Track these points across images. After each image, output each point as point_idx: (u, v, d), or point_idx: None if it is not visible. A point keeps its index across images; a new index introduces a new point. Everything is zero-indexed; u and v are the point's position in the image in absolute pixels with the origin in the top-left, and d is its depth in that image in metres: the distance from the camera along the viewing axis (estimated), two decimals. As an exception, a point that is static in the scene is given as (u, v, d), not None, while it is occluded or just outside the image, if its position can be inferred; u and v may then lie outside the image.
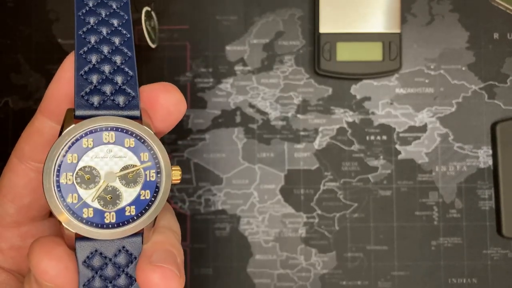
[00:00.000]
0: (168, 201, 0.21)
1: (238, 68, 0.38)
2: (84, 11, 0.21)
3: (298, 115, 0.37)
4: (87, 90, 0.20)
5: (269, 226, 0.37)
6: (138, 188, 0.19)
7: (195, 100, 0.37)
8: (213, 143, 0.37)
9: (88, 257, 0.19)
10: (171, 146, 0.37)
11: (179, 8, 0.38)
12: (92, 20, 0.21)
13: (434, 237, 0.37)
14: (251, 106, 0.37)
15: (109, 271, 0.19)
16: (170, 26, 0.38)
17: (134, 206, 0.19)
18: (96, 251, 0.19)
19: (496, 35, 0.38)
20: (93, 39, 0.21)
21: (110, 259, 0.19)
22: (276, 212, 0.37)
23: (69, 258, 0.19)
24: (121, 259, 0.19)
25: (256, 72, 0.38)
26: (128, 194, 0.19)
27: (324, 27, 0.37)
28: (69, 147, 0.19)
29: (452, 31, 0.38)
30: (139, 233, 0.20)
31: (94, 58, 0.20)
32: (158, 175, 0.20)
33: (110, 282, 0.19)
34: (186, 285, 0.36)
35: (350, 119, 0.37)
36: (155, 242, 0.20)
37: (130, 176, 0.19)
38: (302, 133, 0.37)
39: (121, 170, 0.19)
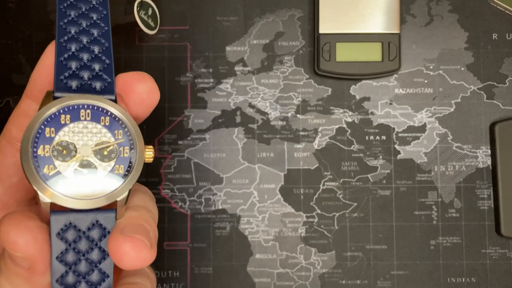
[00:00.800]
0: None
1: (238, 68, 0.38)
2: (65, 4, 0.22)
3: (298, 115, 0.37)
4: (66, 74, 0.21)
5: (269, 225, 0.37)
6: (112, 163, 0.20)
7: (195, 100, 0.38)
8: (214, 143, 0.37)
9: (62, 229, 0.20)
10: (171, 146, 0.37)
11: (179, 8, 0.38)
12: (72, 13, 0.22)
13: (433, 237, 0.37)
14: (251, 106, 0.38)
15: (83, 244, 0.20)
16: (171, 26, 0.38)
17: (108, 179, 0.20)
18: (70, 224, 0.20)
19: (495, 36, 0.38)
20: (73, 30, 0.22)
21: (84, 232, 0.20)
22: (276, 211, 0.37)
23: (38, 229, 0.19)
24: (95, 233, 0.20)
25: (256, 72, 0.38)
26: (103, 168, 0.20)
27: (324, 28, 0.37)
28: (47, 122, 0.20)
29: (451, 31, 0.38)
30: (113, 209, 0.20)
31: (73, 46, 0.22)
32: (132, 151, 0.21)
33: (83, 255, 0.20)
34: (186, 285, 0.37)
35: (349, 119, 0.37)
36: (128, 217, 0.21)
37: (105, 152, 0.20)
38: (301, 133, 0.37)
39: (96, 145, 0.20)
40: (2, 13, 0.38)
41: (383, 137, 0.37)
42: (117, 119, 0.21)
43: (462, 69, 0.38)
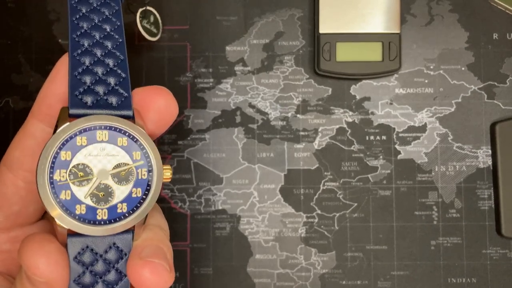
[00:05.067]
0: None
1: (238, 68, 0.38)
2: (77, 16, 0.21)
3: (298, 115, 0.37)
4: (81, 89, 0.20)
5: (269, 225, 0.37)
6: (130, 186, 0.20)
7: (195, 100, 0.38)
8: (213, 143, 0.37)
9: (79, 253, 0.19)
10: (171, 146, 0.37)
11: (179, 8, 0.38)
12: (85, 25, 0.21)
13: (434, 237, 0.37)
14: (251, 106, 0.37)
15: (100, 266, 0.20)
16: (171, 26, 0.38)
17: (126, 204, 0.20)
18: (87, 247, 0.19)
19: (495, 35, 0.38)
20: (86, 42, 0.21)
21: (101, 255, 0.20)
22: (276, 212, 0.37)
23: (59, 253, 0.19)
24: (112, 255, 0.20)
25: (256, 72, 0.38)
26: (120, 192, 0.20)
27: (324, 28, 0.37)
28: (63, 145, 0.19)
29: (451, 31, 0.38)
30: (130, 230, 0.20)
31: (87, 60, 0.21)
32: (150, 173, 0.20)
33: (100, 278, 0.20)
34: (186, 285, 0.36)
35: (349, 119, 0.37)
36: (145, 239, 0.21)
37: (123, 174, 0.20)
38: (302, 133, 0.37)
39: (113, 168, 0.20)
40: (2, 13, 0.38)
41: (384, 137, 0.37)
42: (135, 139, 0.20)
43: (463, 69, 0.38)
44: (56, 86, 0.21)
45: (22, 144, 0.22)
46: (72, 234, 0.19)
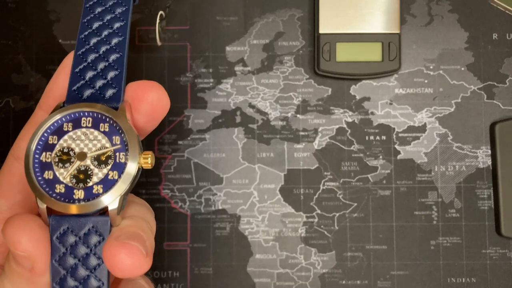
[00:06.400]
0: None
1: (238, 68, 0.38)
2: (88, 18, 0.23)
3: (298, 115, 0.37)
4: (79, 85, 0.22)
5: (269, 225, 0.37)
6: (108, 169, 0.21)
7: (195, 100, 0.38)
8: (213, 143, 0.37)
9: (60, 233, 0.20)
10: (171, 146, 0.37)
11: (179, 8, 0.38)
12: (94, 25, 0.23)
13: (433, 237, 0.37)
14: (251, 106, 0.38)
15: (80, 249, 0.20)
16: (171, 26, 0.38)
17: (101, 185, 0.21)
18: (68, 228, 0.20)
19: (495, 36, 0.38)
20: (92, 41, 0.23)
21: (80, 238, 0.20)
22: (276, 211, 0.37)
23: (41, 231, 0.20)
24: (91, 238, 0.20)
25: (256, 72, 0.38)
26: (99, 174, 0.21)
27: (324, 28, 0.37)
28: (51, 129, 0.21)
29: (451, 31, 0.38)
30: (107, 215, 0.21)
31: (90, 58, 0.22)
32: (127, 157, 0.21)
33: (79, 261, 0.20)
34: (186, 285, 0.37)
35: (349, 119, 0.37)
36: (124, 225, 0.21)
37: (102, 158, 0.21)
38: (301, 133, 0.37)
39: (93, 151, 0.21)
40: (2, 13, 0.38)
41: (383, 137, 0.37)
42: (115, 125, 0.21)
43: (462, 69, 0.38)
44: (60, 81, 0.23)
45: (29, 135, 0.23)
46: (55, 215, 0.20)
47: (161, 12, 0.36)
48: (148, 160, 0.21)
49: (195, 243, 0.37)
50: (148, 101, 0.22)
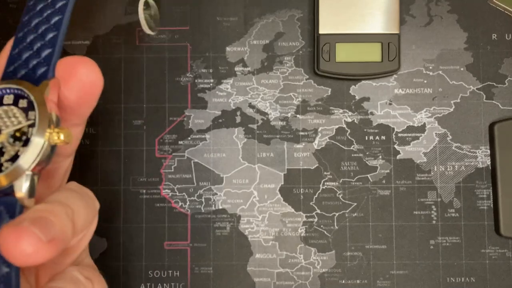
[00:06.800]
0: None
1: (238, 68, 0.38)
2: (34, 1, 0.23)
3: (298, 115, 0.38)
4: (16, 65, 0.22)
5: (269, 225, 0.37)
6: (20, 145, 0.20)
7: (195, 100, 0.38)
8: (214, 143, 0.37)
9: None
10: (172, 146, 0.37)
11: (179, 9, 0.38)
12: (38, 7, 0.23)
13: (433, 236, 0.37)
14: (251, 106, 0.38)
15: None
16: (171, 27, 0.38)
17: (11, 162, 0.20)
18: None
19: (494, 36, 0.38)
20: (33, 22, 0.23)
21: None
22: (276, 211, 0.37)
23: None
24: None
25: (256, 72, 0.38)
26: (12, 151, 0.20)
27: (324, 28, 0.37)
28: None
29: (450, 32, 0.38)
30: (13, 196, 0.20)
31: (29, 38, 0.22)
32: (33, 132, 0.20)
33: None
34: (186, 284, 0.37)
35: (349, 119, 0.38)
36: (33, 210, 0.20)
37: (18, 134, 0.20)
38: (301, 133, 0.38)
39: (9, 128, 0.20)
40: (2, 13, 0.38)
41: (383, 137, 0.37)
42: (30, 100, 0.20)
43: (462, 69, 0.38)
44: (1, 63, 0.23)
45: None
46: None
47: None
48: (60, 136, 0.20)
49: (195, 243, 0.37)
50: (77, 77, 0.21)
